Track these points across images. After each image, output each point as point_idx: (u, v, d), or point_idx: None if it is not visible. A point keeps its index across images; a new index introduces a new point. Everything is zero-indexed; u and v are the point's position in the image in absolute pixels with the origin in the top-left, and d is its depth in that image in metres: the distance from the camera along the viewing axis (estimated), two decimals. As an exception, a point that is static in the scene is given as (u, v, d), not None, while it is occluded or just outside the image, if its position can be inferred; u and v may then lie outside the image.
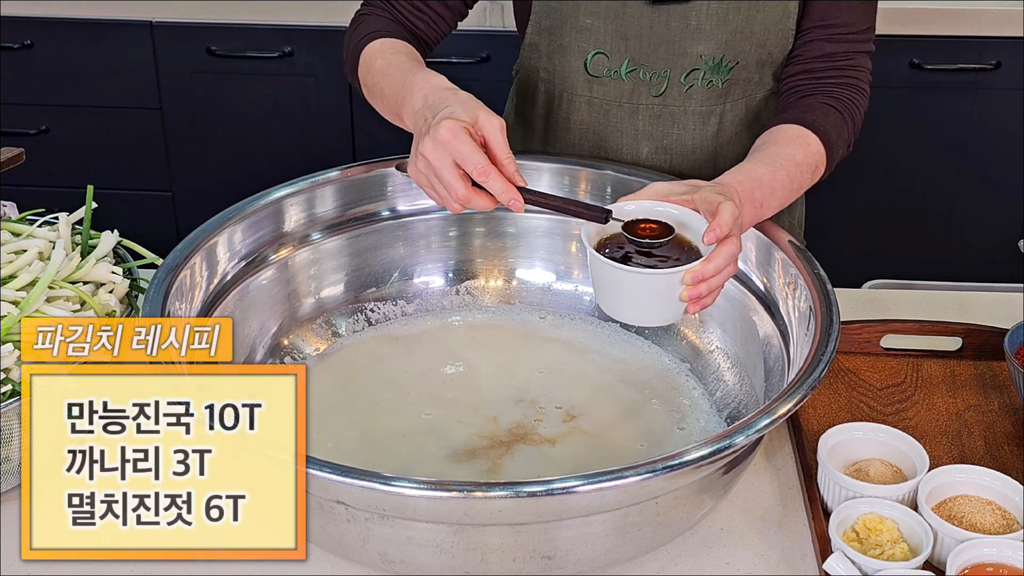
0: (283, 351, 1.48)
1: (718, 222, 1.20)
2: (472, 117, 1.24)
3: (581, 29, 1.54)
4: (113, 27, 2.74)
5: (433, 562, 1.14)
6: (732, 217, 1.21)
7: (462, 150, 1.22)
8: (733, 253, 1.21)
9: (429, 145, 1.23)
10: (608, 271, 1.24)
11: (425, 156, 1.24)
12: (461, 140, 1.22)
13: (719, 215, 1.21)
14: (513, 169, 1.25)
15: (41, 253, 1.39)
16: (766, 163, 1.39)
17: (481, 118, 1.25)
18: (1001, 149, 2.76)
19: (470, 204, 1.25)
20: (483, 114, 1.25)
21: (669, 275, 1.21)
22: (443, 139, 1.22)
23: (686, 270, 1.20)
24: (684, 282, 1.21)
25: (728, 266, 1.21)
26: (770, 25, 1.53)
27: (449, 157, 1.22)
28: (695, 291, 1.21)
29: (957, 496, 1.25)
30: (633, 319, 1.29)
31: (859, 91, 1.53)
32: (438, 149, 1.23)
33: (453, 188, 1.23)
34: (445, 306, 1.58)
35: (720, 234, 1.19)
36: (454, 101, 1.27)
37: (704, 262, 1.20)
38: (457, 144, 1.22)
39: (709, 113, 1.59)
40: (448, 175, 1.23)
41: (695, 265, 1.20)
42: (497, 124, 1.25)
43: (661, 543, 1.22)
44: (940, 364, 1.51)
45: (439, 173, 1.24)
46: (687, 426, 1.38)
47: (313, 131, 2.82)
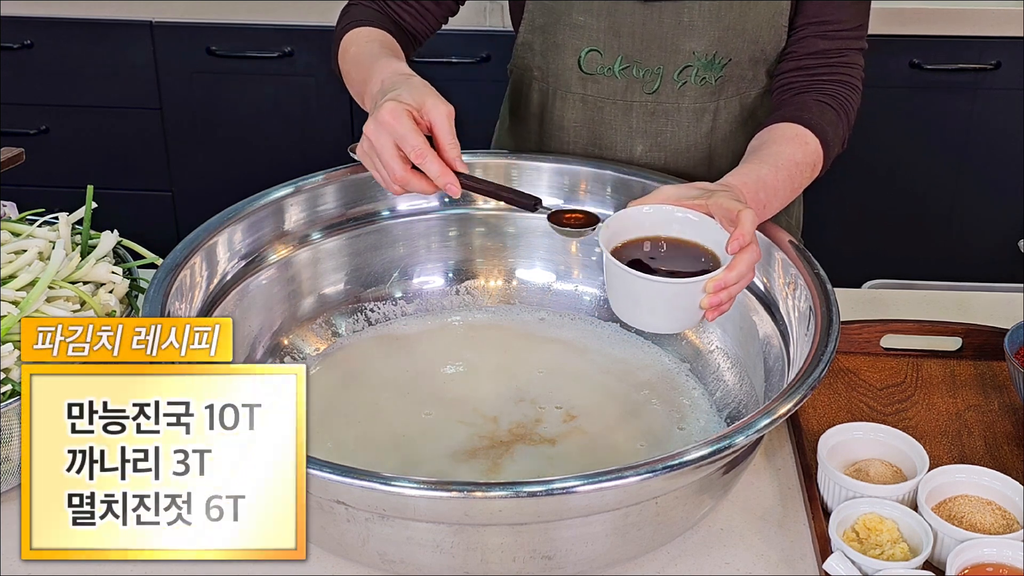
0: (283, 351, 1.48)
1: (741, 231, 1.20)
2: (418, 102, 1.27)
3: (574, 27, 1.55)
4: (113, 27, 2.74)
5: (433, 562, 1.14)
6: (753, 225, 1.21)
7: (400, 131, 1.25)
8: (754, 261, 1.22)
9: (371, 126, 1.27)
10: (627, 279, 1.23)
11: (368, 136, 1.27)
12: (401, 121, 1.25)
13: (741, 224, 1.21)
14: (455, 155, 1.27)
15: (41, 253, 1.39)
16: (768, 163, 1.39)
17: (428, 103, 1.27)
18: (1001, 149, 2.76)
19: (408, 186, 1.28)
20: (431, 99, 1.27)
21: (691, 284, 1.21)
22: (383, 120, 1.25)
23: (709, 278, 1.21)
24: (706, 290, 1.21)
25: (748, 273, 1.22)
26: (763, 22, 1.53)
27: (390, 138, 1.25)
28: (716, 299, 1.21)
29: (957, 496, 1.25)
30: (650, 326, 1.29)
31: (852, 88, 1.53)
32: (379, 130, 1.26)
33: (391, 168, 1.27)
34: (445, 306, 1.58)
35: (743, 243, 1.20)
36: (404, 85, 1.30)
37: (727, 270, 1.21)
38: (396, 125, 1.25)
39: (703, 110, 1.59)
40: (387, 155, 1.26)
41: (718, 273, 1.21)
42: (444, 110, 1.27)
43: (661, 543, 1.22)
44: (940, 364, 1.51)
45: (380, 153, 1.27)
46: (687, 426, 1.38)
47: (313, 131, 2.82)
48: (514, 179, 1.55)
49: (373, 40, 1.48)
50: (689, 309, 1.23)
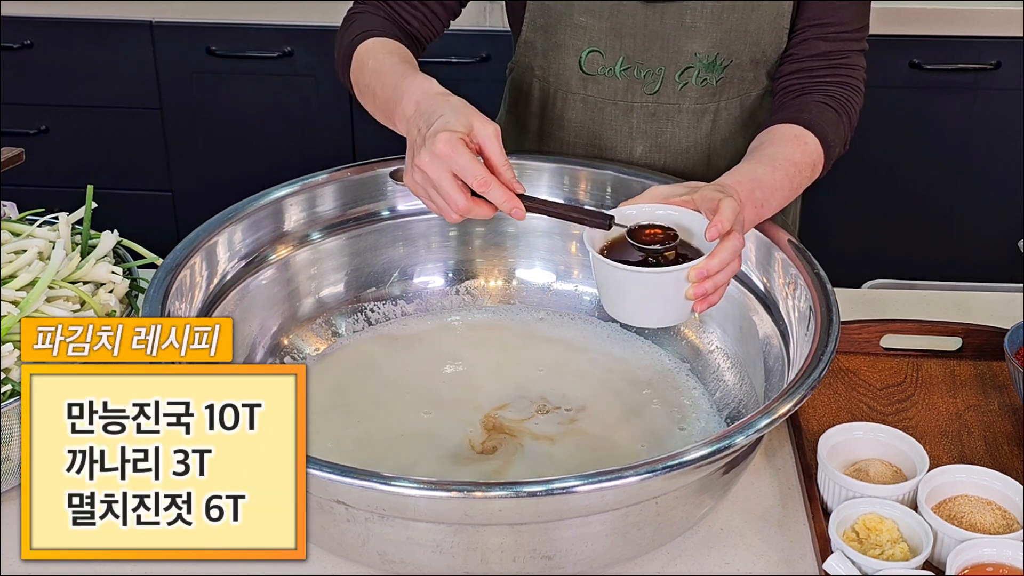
0: (283, 351, 1.48)
1: (719, 218, 1.20)
2: (467, 125, 1.23)
3: (576, 27, 1.54)
4: (113, 27, 2.74)
5: (433, 562, 1.14)
6: (733, 213, 1.21)
7: (460, 162, 1.21)
8: (736, 248, 1.21)
9: (426, 159, 1.22)
10: (611, 272, 1.23)
11: (423, 169, 1.23)
12: (459, 152, 1.21)
13: (720, 211, 1.21)
14: (511, 176, 1.24)
15: (41, 253, 1.39)
16: (765, 163, 1.39)
17: (476, 126, 1.24)
18: (1001, 149, 2.76)
19: (470, 215, 1.24)
20: (478, 121, 1.24)
21: (673, 273, 1.21)
22: (441, 152, 1.21)
23: (690, 267, 1.20)
24: (689, 279, 1.21)
25: (732, 262, 1.21)
26: (764, 24, 1.53)
27: (447, 170, 1.21)
28: (701, 288, 1.20)
29: (957, 496, 1.25)
30: (639, 321, 1.29)
31: (854, 89, 1.53)
32: (435, 162, 1.22)
33: (453, 200, 1.23)
34: (445, 306, 1.58)
35: (721, 229, 1.19)
36: (447, 109, 1.26)
37: (708, 258, 1.20)
38: (455, 156, 1.21)
39: (703, 111, 1.59)
40: (448, 187, 1.22)
41: (699, 262, 1.20)
42: (492, 131, 1.24)
43: (661, 543, 1.22)
44: (940, 364, 1.51)
45: (438, 186, 1.23)
46: (687, 426, 1.38)
47: (313, 131, 2.82)
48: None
49: (390, 53, 1.44)
50: (676, 301, 1.22)
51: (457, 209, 1.23)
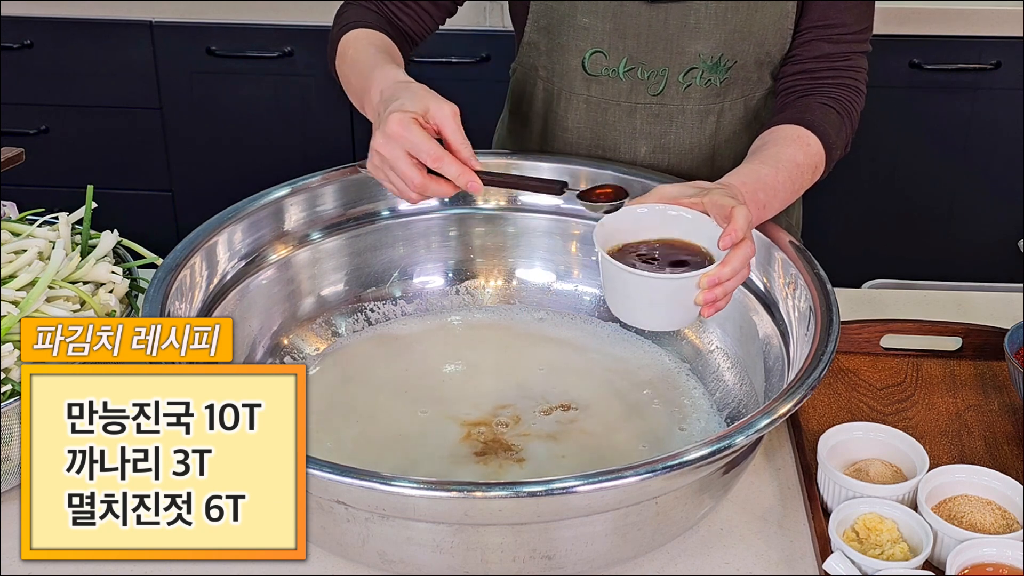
0: (283, 351, 1.48)
1: (733, 227, 1.20)
2: (422, 107, 1.26)
3: (579, 28, 1.54)
4: (113, 27, 2.74)
5: (433, 562, 1.14)
6: (746, 221, 1.21)
7: (413, 140, 1.24)
8: (747, 256, 1.21)
9: (380, 140, 1.26)
10: (621, 276, 1.23)
11: (378, 151, 1.26)
12: (410, 130, 1.24)
13: (734, 220, 1.21)
14: (468, 154, 1.27)
15: (41, 253, 1.39)
16: (768, 164, 1.39)
17: (432, 107, 1.26)
18: (1001, 149, 2.76)
19: (428, 191, 1.27)
20: (434, 103, 1.27)
21: (685, 279, 1.21)
22: (392, 132, 1.24)
23: (702, 274, 1.20)
24: (700, 286, 1.21)
25: (743, 269, 1.22)
26: (769, 25, 1.53)
27: (401, 148, 1.25)
28: (711, 295, 1.21)
29: (957, 496, 1.25)
30: (645, 323, 1.29)
31: (856, 91, 1.53)
32: (389, 142, 1.25)
33: (409, 177, 1.26)
34: (445, 306, 1.58)
35: (735, 239, 1.20)
36: (403, 93, 1.29)
37: (720, 266, 1.20)
38: (407, 135, 1.24)
39: (707, 112, 1.59)
40: (403, 166, 1.25)
41: (711, 269, 1.21)
42: (449, 111, 1.26)
43: (661, 543, 1.22)
44: (940, 364, 1.51)
45: (394, 165, 1.26)
46: (688, 427, 1.38)
47: (313, 131, 2.82)
48: (514, 179, 1.55)
49: (371, 44, 1.47)
50: (685, 306, 1.23)
51: (414, 186, 1.26)
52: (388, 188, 1.31)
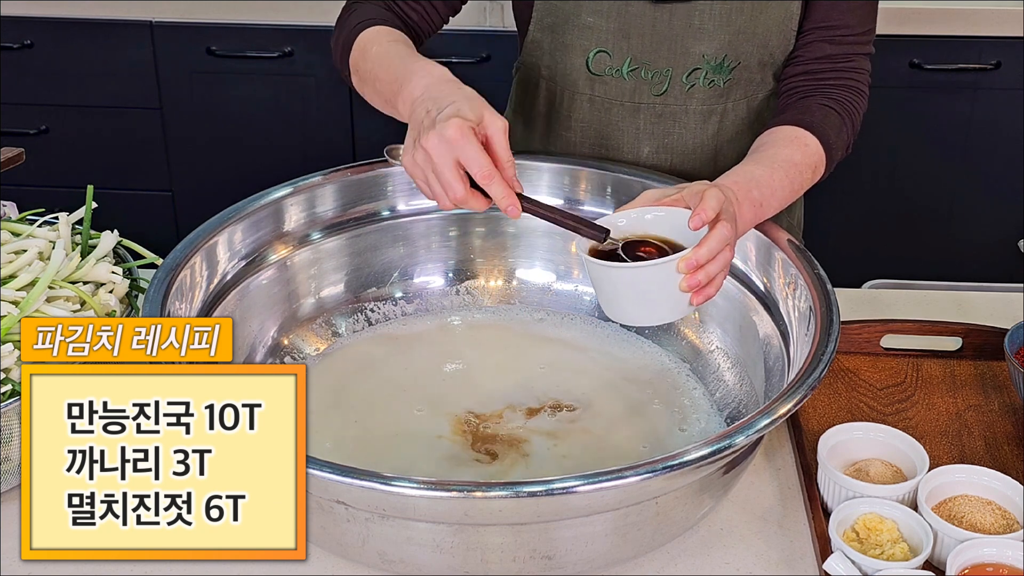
0: (283, 351, 1.48)
1: (702, 206, 1.20)
2: (478, 116, 1.22)
3: (583, 27, 1.54)
4: (113, 27, 2.74)
5: (433, 562, 1.14)
6: (717, 201, 1.20)
7: (468, 152, 1.20)
8: (726, 237, 1.21)
9: (434, 141, 1.21)
10: (603, 272, 1.24)
11: (427, 151, 1.21)
12: (468, 141, 1.20)
13: (704, 200, 1.20)
14: (512, 173, 1.23)
15: (41, 253, 1.39)
16: (763, 164, 1.39)
17: (487, 118, 1.23)
18: (1001, 149, 2.76)
19: (465, 205, 1.23)
20: (488, 114, 1.23)
21: (661, 265, 1.20)
22: (451, 137, 1.19)
23: (679, 258, 1.20)
24: (679, 271, 1.20)
25: (723, 251, 1.21)
26: (772, 26, 1.53)
27: (452, 156, 1.20)
28: (694, 280, 1.20)
29: (957, 496, 1.25)
30: (637, 319, 1.29)
31: (858, 93, 1.53)
32: (443, 146, 1.20)
33: (452, 188, 1.21)
34: (445, 306, 1.58)
35: (705, 217, 1.19)
36: (460, 97, 1.25)
37: (696, 248, 1.20)
38: (464, 144, 1.20)
39: (710, 113, 1.59)
40: (449, 174, 1.21)
41: (687, 252, 1.20)
42: (501, 126, 1.23)
43: (661, 543, 1.22)
44: (940, 364, 1.51)
45: (439, 170, 1.21)
46: (688, 427, 1.38)
47: (313, 131, 2.82)
48: (514, 179, 1.55)
49: (397, 40, 1.44)
50: (671, 295, 1.22)
51: (454, 198, 1.22)
52: (421, 188, 1.26)
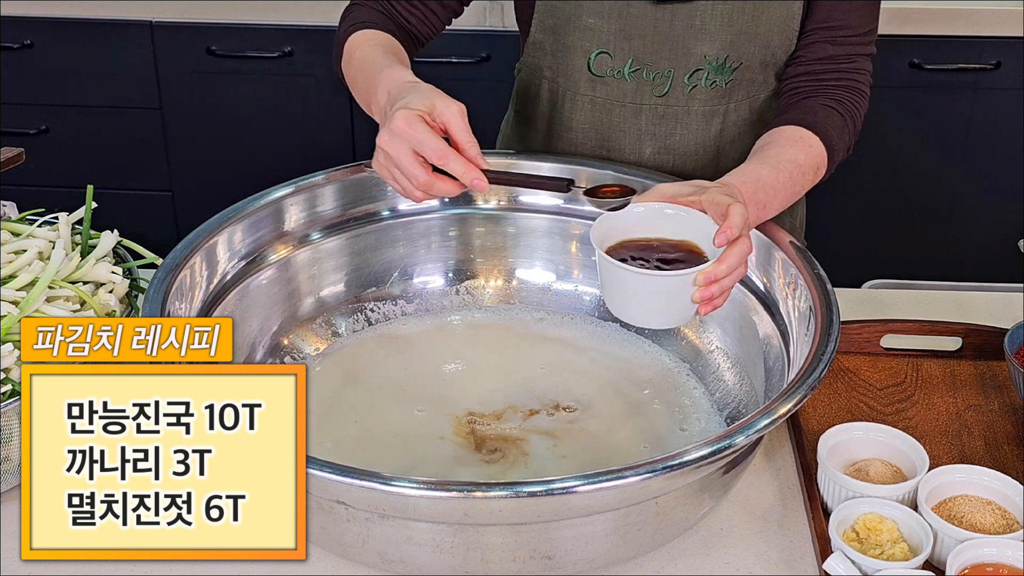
0: (283, 351, 1.48)
1: (729, 224, 1.20)
2: (428, 106, 1.25)
3: (584, 28, 1.54)
4: (113, 27, 2.74)
5: (433, 562, 1.14)
6: (742, 219, 1.21)
7: (418, 137, 1.23)
8: (744, 254, 1.21)
9: (386, 137, 1.25)
10: (618, 274, 1.23)
11: (383, 148, 1.25)
12: (416, 128, 1.23)
13: (729, 217, 1.21)
14: (475, 152, 1.25)
15: (41, 253, 1.39)
16: (768, 164, 1.39)
17: (438, 105, 1.25)
18: (1001, 149, 2.76)
19: (433, 190, 1.26)
20: (440, 101, 1.25)
21: (681, 277, 1.21)
22: (398, 129, 1.23)
23: (699, 271, 1.20)
24: (696, 283, 1.21)
25: (739, 267, 1.22)
26: (774, 26, 1.53)
27: (407, 146, 1.23)
28: (707, 292, 1.21)
29: (957, 496, 1.25)
30: (642, 321, 1.29)
31: (860, 94, 1.53)
32: (394, 139, 1.24)
33: (413, 175, 1.24)
34: (445, 306, 1.58)
35: (731, 236, 1.20)
36: (410, 92, 1.28)
37: (716, 263, 1.20)
38: (412, 132, 1.23)
39: (712, 113, 1.59)
40: (407, 163, 1.24)
41: (707, 266, 1.20)
42: (456, 109, 1.25)
43: (661, 543, 1.22)
44: (940, 364, 1.51)
45: (398, 163, 1.24)
46: (688, 427, 1.38)
47: (313, 131, 2.82)
48: (514, 179, 1.55)
49: (377, 44, 1.46)
50: (681, 303, 1.23)
51: (418, 184, 1.25)
52: (393, 187, 1.30)
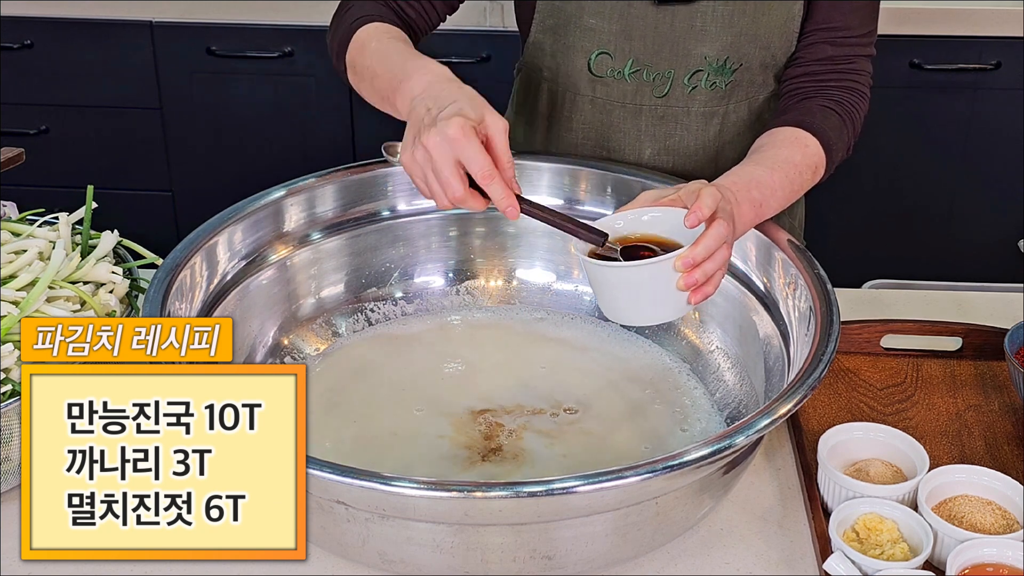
0: (283, 351, 1.48)
1: (698, 204, 1.20)
2: (479, 116, 1.22)
3: (585, 29, 1.54)
4: (113, 27, 2.74)
5: (433, 562, 1.14)
6: (713, 199, 1.20)
7: (469, 151, 1.19)
8: (721, 235, 1.20)
9: (436, 139, 1.20)
10: (600, 273, 1.24)
11: (428, 149, 1.21)
12: (470, 140, 1.19)
13: (700, 198, 1.20)
14: (512, 175, 1.23)
15: (41, 253, 1.39)
16: (763, 164, 1.39)
17: (488, 118, 1.22)
18: (1001, 149, 2.76)
19: (463, 205, 1.23)
20: (490, 114, 1.23)
21: (657, 264, 1.20)
22: (452, 136, 1.19)
23: (675, 256, 1.20)
24: (676, 269, 1.20)
25: (719, 249, 1.20)
26: (774, 27, 1.53)
27: (452, 155, 1.20)
28: (691, 278, 1.20)
29: (957, 496, 1.25)
30: (636, 319, 1.29)
31: (859, 95, 1.53)
32: (444, 145, 1.20)
33: (451, 187, 1.21)
34: (445, 306, 1.58)
35: (701, 215, 1.19)
36: (461, 96, 1.24)
37: (692, 247, 1.20)
38: (466, 144, 1.19)
39: (712, 114, 1.59)
40: (448, 173, 1.20)
41: (683, 251, 1.20)
42: (502, 127, 1.23)
43: (661, 543, 1.22)
44: (940, 364, 1.51)
45: (438, 169, 1.21)
46: (688, 427, 1.38)
47: (313, 131, 2.82)
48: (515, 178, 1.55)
49: (396, 37, 1.43)
50: (669, 295, 1.22)
51: (453, 197, 1.21)
52: (419, 186, 1.25)
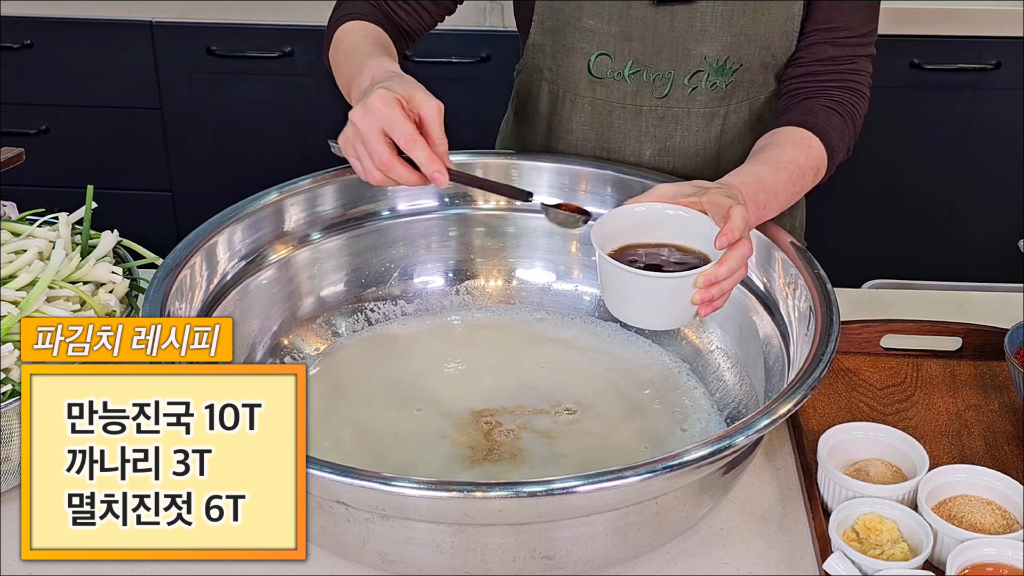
0: (283, 351, 1.48)
1: (730, 227, 1.20)
2: (408, 93, 1.25)
3: (584, 30, 1.54)
4: (113, 27, 2.74)
5: (433, 562, 1.14)
6: (743, 222, 1.21)
7: (391, 117, 1.23)
8: (744, 256, 1.21)
9: (359, 112, 1.24)
10: (619, 275, 1.23)
11: (354, 122, 1.25)
12: (392, 108, 1.23)
13: (731, 220, 1.21)
14: (443, 150, 1.25)
15: (41, 253, 1.39)
16: (769, 164, 1.39)
17: (418, 96, 1.25)
18: (1001, 149, 2.76)
19: (391, 172, 1.25)
20: (421, 93, 1.26)
21: (681, 279, 1.21)
22: (373, 106, 1.23)
23: (699, 273, 1.20)
24: (696, 285, 1.21)
25: (739, 269, 1.22)
26: (774, 27, 1.52)
27: (377, 124, 1.23)
28: (707, 294, 1.21)
29: (957, 496, 1.25)
30: (642, 323, 1.29)
31: (860, 95, 1.53)
32: (367, 115, 1.23)
33: (377, 153, 1.24)
34: (445, 306, 1.58)
35: (732, 239, 1.20)
36: (394, 79, 1.28)
37: (716, 265, 1.20)
38: (387, 111, 1.22)
39: (712, 115, 1.59)
40: (373, 140, 1.24)
41: (708, 268, 1.21)
42: (434, 105, 1.25)
43: (661, 543, 1.22)
44: (940, 364, 1.51)
45: (365, 138, 1.24)
46: (688, 427, 1.38)
47: (313, 131, 2.82)
48: (514, 179, 1.55)
49: (367, 36, 1.47)
50: (681, 305, 1.23)
51: (380, 163, 1.24)
52: (353, 164, 1.29)
